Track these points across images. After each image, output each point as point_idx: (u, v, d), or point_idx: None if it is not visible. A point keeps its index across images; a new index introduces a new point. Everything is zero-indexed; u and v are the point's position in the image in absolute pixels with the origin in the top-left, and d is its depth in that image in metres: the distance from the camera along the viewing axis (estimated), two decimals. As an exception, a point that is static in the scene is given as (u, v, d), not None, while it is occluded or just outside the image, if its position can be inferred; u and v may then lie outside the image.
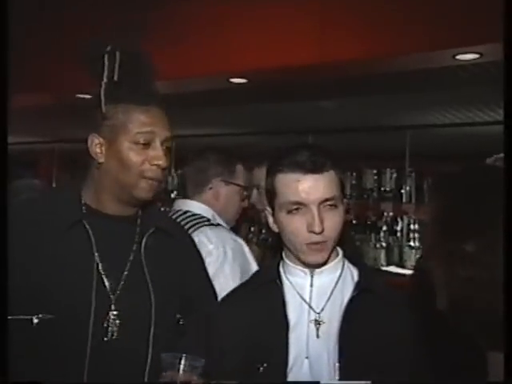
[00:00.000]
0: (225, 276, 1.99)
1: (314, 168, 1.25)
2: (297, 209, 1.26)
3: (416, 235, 4.53)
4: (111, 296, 1.35)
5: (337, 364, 1.23)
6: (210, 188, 2.15)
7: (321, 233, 1.24)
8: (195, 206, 2.13)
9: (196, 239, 1.97)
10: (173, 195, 5.31)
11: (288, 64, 3.13)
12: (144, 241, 1.41)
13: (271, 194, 1.31)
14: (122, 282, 1.36)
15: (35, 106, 4.39)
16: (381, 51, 2.95)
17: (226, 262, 2.00)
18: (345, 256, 1.38)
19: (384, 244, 4.70)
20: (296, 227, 1.26)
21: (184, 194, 2.22)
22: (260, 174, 2.09)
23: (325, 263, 1.31)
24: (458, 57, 2.83)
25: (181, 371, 1.18)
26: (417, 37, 2.81)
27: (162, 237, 1.45)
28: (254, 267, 2.07)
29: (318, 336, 1.27)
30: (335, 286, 1.32)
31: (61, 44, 3.70)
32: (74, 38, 3.81)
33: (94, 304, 1.32)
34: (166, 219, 1.64)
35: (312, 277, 1.32)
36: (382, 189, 4.94)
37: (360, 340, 1.25)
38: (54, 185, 6.76)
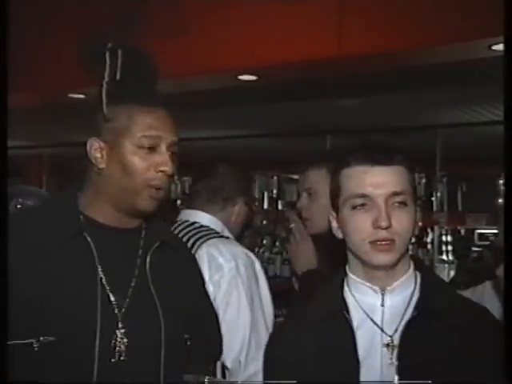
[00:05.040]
0: (238, 293, 2.00)
1: (381, 160, 1.28)
2: (362, 204, 1.27)
3: (449, 248, 4.49)
4: (117, 313, 1.36)
5: None
6: (227, 205, 2.20)
7: (387, 228, 1.24)
8: (205, 218, 2.17)
9: (205, 251, 2.01)
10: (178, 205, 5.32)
11: (303, 58, 3.13)
12: (149, 255, 1.43)
13: (336, 193, 1.33)
14: (128, 298, 1.38)
15: (22, 106, 4.42)
16: (407, 42, 2.93)
17: (238, 277, 2.02)
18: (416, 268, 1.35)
19: (412, 258, 4.66)
20: (360, 224, 1.27)
21: (191, 205, 2.25)
22: (315, 175, 2.06)
23: (396, 278, 1.29)
24: (494, 47, 2.81)
25: None
26: (448, 26, 2.79)
27: (166, 251, 1.47)
28: (264, 287, 2.09)
29: (391, 362, 1.25)
30: (408, 304, 1.29)
31: (51, 39, 3.73)
32: (66, 32, 3.85)
33: (100, 321, 1.32)
34: (170, 233, 1.68)
35: (383, 295, 1.29)
36: (410, 196, 4.90)
37: (418, 374, 1.21)
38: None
